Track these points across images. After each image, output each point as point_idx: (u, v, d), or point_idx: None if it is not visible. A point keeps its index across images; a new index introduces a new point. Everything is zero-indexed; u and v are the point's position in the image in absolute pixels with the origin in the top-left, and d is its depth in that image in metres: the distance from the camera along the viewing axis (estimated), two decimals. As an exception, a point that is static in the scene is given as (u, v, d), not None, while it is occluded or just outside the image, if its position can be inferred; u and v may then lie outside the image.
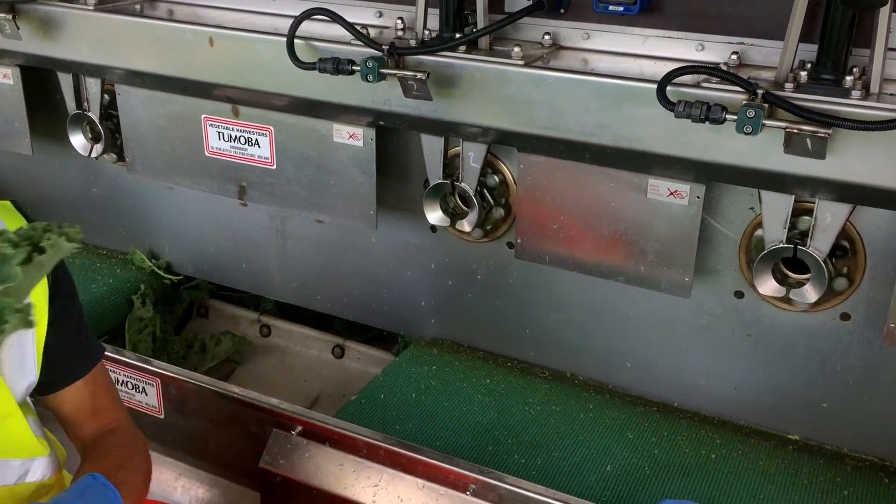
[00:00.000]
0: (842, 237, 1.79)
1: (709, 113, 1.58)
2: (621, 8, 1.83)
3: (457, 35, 1.95)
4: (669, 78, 1.65)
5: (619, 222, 1.91)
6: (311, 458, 1.88)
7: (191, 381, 2.06)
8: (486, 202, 2.17)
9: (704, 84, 1.68)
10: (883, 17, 1.56)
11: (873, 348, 1.90)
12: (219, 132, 2.32)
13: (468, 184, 2.10)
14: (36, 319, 1.06)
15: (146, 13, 2.37)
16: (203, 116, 2.32)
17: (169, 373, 2.08)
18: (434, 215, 2.18)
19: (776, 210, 1.77)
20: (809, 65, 1.68)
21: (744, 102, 1.57)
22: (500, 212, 2.17)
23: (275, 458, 1.90)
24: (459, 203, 2.19)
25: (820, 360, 1.97)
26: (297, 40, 2.03)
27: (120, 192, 2.82)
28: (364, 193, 2.18)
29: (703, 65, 1.72)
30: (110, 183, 2.82)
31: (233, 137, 2.30)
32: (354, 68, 1.92)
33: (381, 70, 1.89)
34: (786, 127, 1.56)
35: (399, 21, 2.09)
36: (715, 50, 1.83)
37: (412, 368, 2.32)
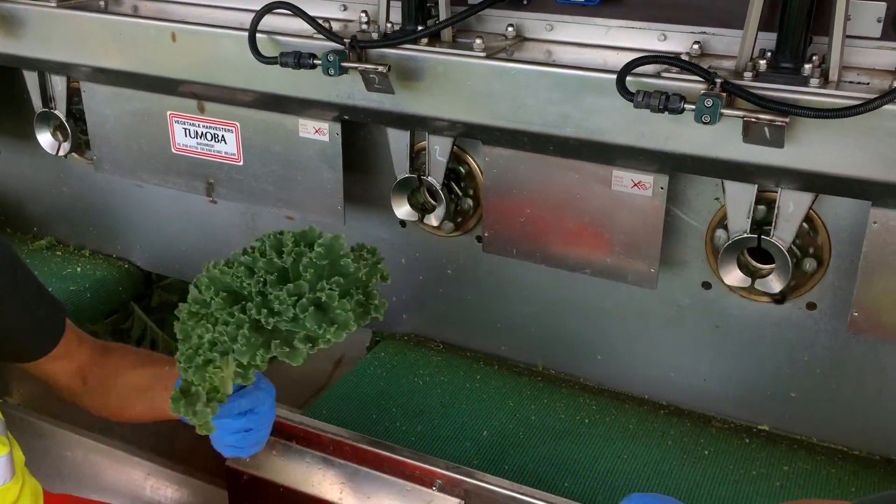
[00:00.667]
0: (806, 226, 1.79)
1: (667, 103, 1.57)
2: (582, -1, 1.82)
3: (419, 27, 1.93)
4: (629, 68, 1.64)
5: (585, 214, 1.90)
6: (278, 456, 1.87)
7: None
8: (455, 195, 2.16)
9: (665, 74, 1.67)
10: (840, 4, 1.55)
11: (839, 337, 1.90)
12: (185, 128, 2.30)
13: (435, 178, 2.09)
14: None
15: (110, 9, 2.34)
16: (169, 113, 2.30)
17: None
18: (402, 210, 2.17)
19: (739, 200, 1.76)
20: (769, 53, 1.68)
21: (702, 92, 1.56)
22: (470, 203, 2.16)
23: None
24: (429, 198, 2.18)
25: (787, 350, 1.97)
26: (260, 35, 2.01)
27: (89, 191, 2.79)
28: (331, 189, 2.17)
29: (663, 55, 1.71)
30: (80, 181, 2.80)
31: (199, 134, 2.28)
32: (316, 62, 1.91)
33: (343, 64, 1.88)
34: (743, 116, 1.55)
35: (363, 14, 2.07)
36: (677, 40, 1.82)
37: (384, 364, 2.31)
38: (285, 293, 1.46)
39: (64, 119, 2.52)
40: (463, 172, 2.13)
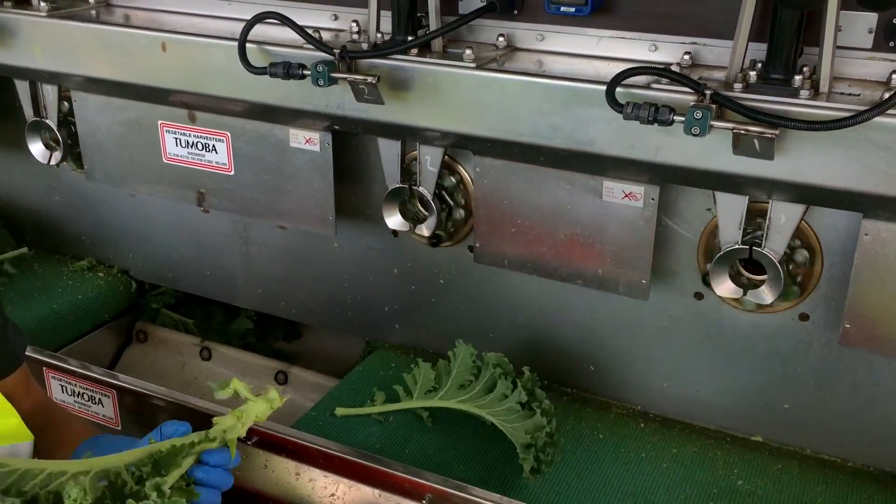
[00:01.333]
0: (798, 237, 1.78)
1: (657, 115, 1.56)
2: (573, 9, 1.81)
3: (409, 38, 1.93)
4: (618, 80, 1.63)
5: (576, 225, 1.89)
6: (268, 468, 1.86)
7: (147, 393, 2.03)
8: (446, 205, 2.15)
9: (655, 85, 1.66)
10: (831, 16, 1.54)
11: (832, 348, 1.88)
12: (176, 138, 2.29)
13: (426, 188, 2.08)
14: None
15: (101, 19, 2.34)
16: (160, 122, 2.29)
17: (125, 384, 2.05)
18: (393, 220, 2.16)
19: (730, 211, 1.75)
20: (760, 64, 1.67)
21: (692, 104, 1.55)
22: (461, 213, 2.15)
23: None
24: (420, 208, 2.17)
25: (780, 361, 1.96)
26: (250, 44, 2.00)
27: (81, 200, 2.79)
28: (322, 199, 2.16)
29: (653, 66, 1.70)
30: (71, 190, 2.79)
31: (190, 143, 2.28)
32: (305, 73, 1.90)
33: (332, 74, 1.87)
34: (733, 128, 1.54)
35: (354, 24, 2.07)
36: (668, 50, 1.82)
37: (376, 374, 2.30)
38: None
39: (56, 128, 2.51)
40: (454, 182, 2.12)
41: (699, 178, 1.70)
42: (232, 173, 2.25)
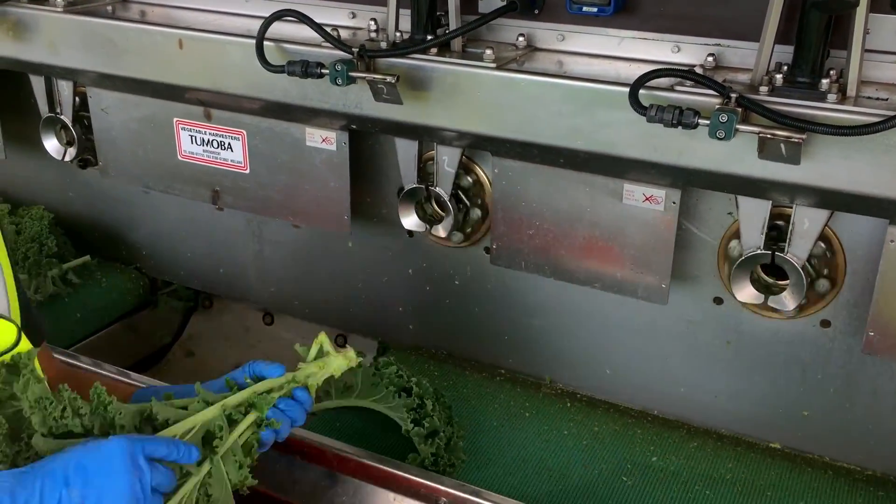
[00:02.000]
0: (821, 243, 1.76)
1: (681, 118, 1.54)
2: (595, 9, 1.79)
3: (429, 37, 1.90)
4: (642, 82, 1.60)
5: (595, 228, 1.87)
6: (283, 472, 1.84)
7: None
8: (463, 205, 2.13)
9: (679, 87, 1.64)
10: (860, 19, 1.51)
11: (854, 356, 1.86)
12: (191, 136, 2.28)
13: (443, 188, 2.06)
14: None
15: (117, 14, 2.32)
16: (175, 120, 2.28)
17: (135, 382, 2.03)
18: (409, 220, 2.14)
19: (753, 216, 1.73)
20: (786, 67, 1.64)
21: (717, 107, 1.53)
22: (478, 213, 2.13)
23: (245, 471, 1.86)
24: (436, 208, 2.15)
25: (800, 368, 1.93)
26: (268, 42, 1.99)
27: (95, 197, 2.78)
28: (338, 198, 2.14)
29: (676, 68, 1.67)
30: (86, 187, 2.78)
31: (205, 141, 2.26)
32: (323, 71, 1.88)
33: (351, 73, 1.85)
34: (759, 132, 1.51)
35: (372, 22, 2.05)
36: (691, 52, 1.79)
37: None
38: None
39: (70, 124, 2.50)
40: (471, 182, 2.10)
41: (722, 182, 1.67)
42: (247, 172, 2.23)
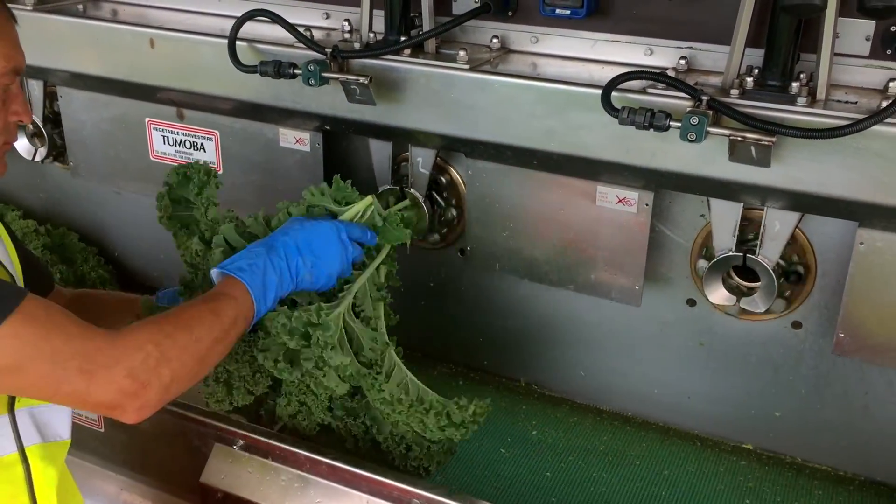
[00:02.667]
0: (792, 245, 1.77)
1: (653, 120, 1.55)
2: (568, 11, 1.79)
3: (402, 38, 1.90)
4: (614, 84, 1.61)
5: (569, 230, 1.87)
6: (254, 473, 1.83)
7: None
8: (438, 207, 2.12)
9: (651, 90, 1.64)
10: (829, 23, 1.52)
11: (825, 357, 1.87)
12: (163, 136, 2.26)
13: (417, 190, 2.06)
14: None
15: (88, 13, 2.30)
16: (147, 120, 2.26)
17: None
18: (383, 221, 2.13)
19: (725, 218, 1.74)
20: (757, 70, 1.65)
21: (688, 109, 1.53)
22: (453, 214, 2.13)
23: (216, 473, 1.85)
24: (411, 209, 2.14)
25: (772, 369, 1.94)
26: (240, 42, 1.97)
27: (67, 197, 2.74)
28: (312, 199, 2.12)
29: (649, 70, 1.68)
30: (57, 187, 2.75)
31: (178, 141, 2.24)
32: (296, 72, 1.87)
33: (324, 74, 1.84)
34: (730, 134, 1.52)
35: (346, 23, 2.04)
36: (664, 54, 1.80)
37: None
38: None
39: (41, 124, 2.47)
40: (445, 182, 2.10)
41: (694, 185, 1.68)
42: (220, 172, 2.21)
